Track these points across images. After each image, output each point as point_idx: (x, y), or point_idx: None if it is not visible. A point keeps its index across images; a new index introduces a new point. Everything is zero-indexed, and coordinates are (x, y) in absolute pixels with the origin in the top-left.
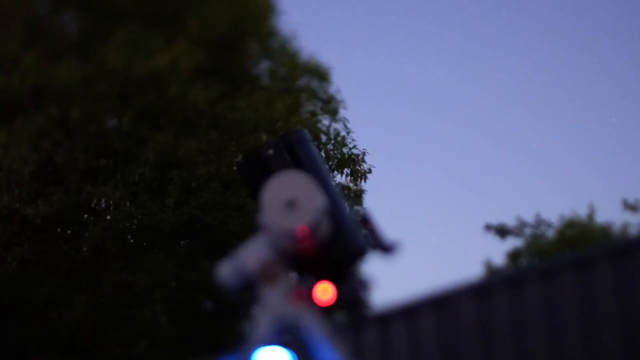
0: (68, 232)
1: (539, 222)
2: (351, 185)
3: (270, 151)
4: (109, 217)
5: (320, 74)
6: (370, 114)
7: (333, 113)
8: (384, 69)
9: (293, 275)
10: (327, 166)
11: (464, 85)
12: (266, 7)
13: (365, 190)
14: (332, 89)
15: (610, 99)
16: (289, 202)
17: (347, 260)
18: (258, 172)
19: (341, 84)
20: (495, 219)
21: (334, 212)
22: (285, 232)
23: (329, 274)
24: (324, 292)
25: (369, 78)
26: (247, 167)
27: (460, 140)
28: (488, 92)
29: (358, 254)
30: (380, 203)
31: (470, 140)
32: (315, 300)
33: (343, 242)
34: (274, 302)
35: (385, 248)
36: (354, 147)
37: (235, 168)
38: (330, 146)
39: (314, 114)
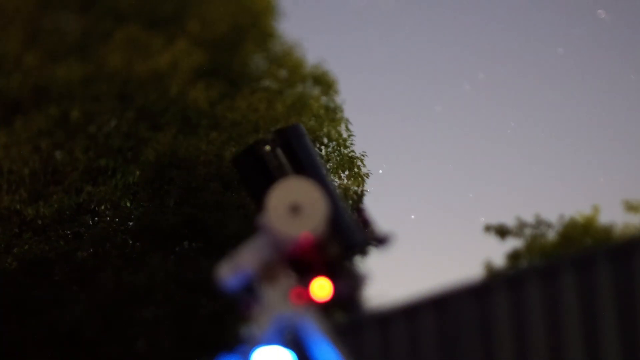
0: (68, 232)
1: (539, 222)
2: (353, 187)
3: (267, 147)
4: (108, 218)
5: (327, 83)
6: (369, 113)
7: (337, 122)
8: (383, 68)
9: (292, 275)
10: (322, 161)
11: (463, 85)
12: (266, 7)
13: (367, 191)
14: (338, 99)
15: (611, 98)
16: (293, 208)
17: (344, 255)
18: (255, 167)
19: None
20: (495, 219)
21: (331, 208)
22: (288, 238)
23: (326, 269)
24: (322, 288)
25: (367, 75)
26: (243, 162)
27: (460, 140)
28: (489, 92)
29: (355, 248)
30: (380, 203)
31: (470, 140)
32: (313, 297)
33: (340, 238)
34: (274, 301)
35: (380, 240)
36: (352, 151)
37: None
38: (330, 149)
39: (318, 117)
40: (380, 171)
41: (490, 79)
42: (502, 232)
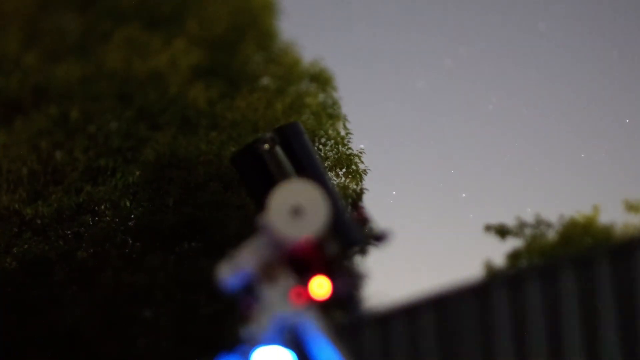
0: (68, 232)
1: (539, 222)
2: (352, 185)
3: (266, 146)
4: (108, 218)
5: (324, 80)
6: (369, 112)
7: (335, 119)
8: (385, 72)
9: (292, 275)
10: (320, 159)
11: (463, 84)
12: (266, 6)
13: (366, 189)
14: (336, 96)
15: (611, 98)
16: (295, 211)
17: (343, 253)
18: (253, 166)
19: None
20: (496, 219)
21: (331, 208)
22: (290, 240)
23: (325, 268)
24: (321, 286)
25: (346, 50)
26: (242, 161)
27: (460, 139)
28: (489, 91)
29: (354, 247)
30: (380, 202)
31: (471, 139)
32: (312, 296)
33: (339, 236)
34: (274, 301)
35: (377, 237)
36: (349, 148)
37: (229, 161)
38: (328, 147)
39: (316, 114)
40: (362, 146)
41: (472, 54)
42: (502, 231)
